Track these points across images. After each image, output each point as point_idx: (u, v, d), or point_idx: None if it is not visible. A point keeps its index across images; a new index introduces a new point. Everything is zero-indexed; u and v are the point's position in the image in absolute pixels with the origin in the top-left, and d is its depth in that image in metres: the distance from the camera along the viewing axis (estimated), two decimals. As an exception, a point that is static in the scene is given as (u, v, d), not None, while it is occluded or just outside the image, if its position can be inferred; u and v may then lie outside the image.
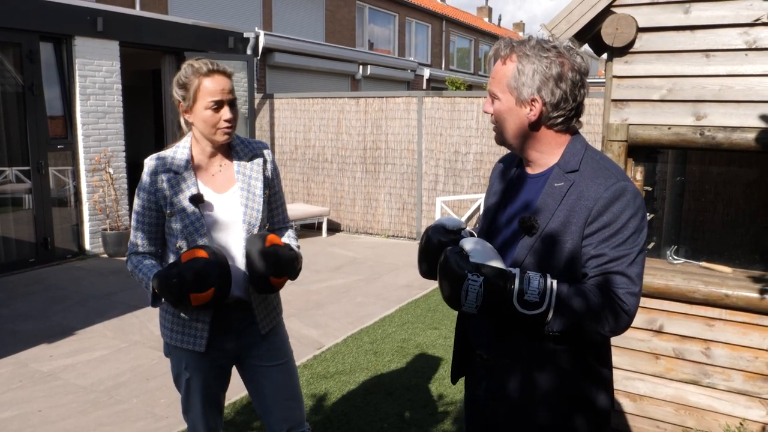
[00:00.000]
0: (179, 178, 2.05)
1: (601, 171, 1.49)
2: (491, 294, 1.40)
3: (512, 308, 1.41)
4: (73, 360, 4.32)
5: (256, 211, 2.12)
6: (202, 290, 1.87)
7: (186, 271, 1.87)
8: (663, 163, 3.65)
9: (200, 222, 2.04)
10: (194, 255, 1.90)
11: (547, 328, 1.43)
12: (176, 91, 2.06)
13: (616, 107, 3.01)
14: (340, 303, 5.68)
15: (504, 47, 1.55)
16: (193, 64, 2.03)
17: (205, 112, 2.00)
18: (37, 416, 3.54)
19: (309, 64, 11.48)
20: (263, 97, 9.53)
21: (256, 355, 2.22)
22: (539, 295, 1.40)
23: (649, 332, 3.04)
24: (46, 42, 6.81)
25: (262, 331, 2.19)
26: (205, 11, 11.66)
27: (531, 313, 1.40)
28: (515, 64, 1.51)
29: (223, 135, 2.04)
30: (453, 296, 1.44)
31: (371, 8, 17.72)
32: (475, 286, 1.40)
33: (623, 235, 1.43)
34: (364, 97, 8.79)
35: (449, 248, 1.50)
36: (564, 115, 1.52)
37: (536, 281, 1.41)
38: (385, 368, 4.15)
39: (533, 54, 1.49)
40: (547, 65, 1.48)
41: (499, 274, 1.41)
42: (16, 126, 6.69)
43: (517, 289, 1.41)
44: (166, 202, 2.05)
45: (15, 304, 5.52)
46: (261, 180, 2.16)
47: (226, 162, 2.14)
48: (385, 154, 8.67)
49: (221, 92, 2.01)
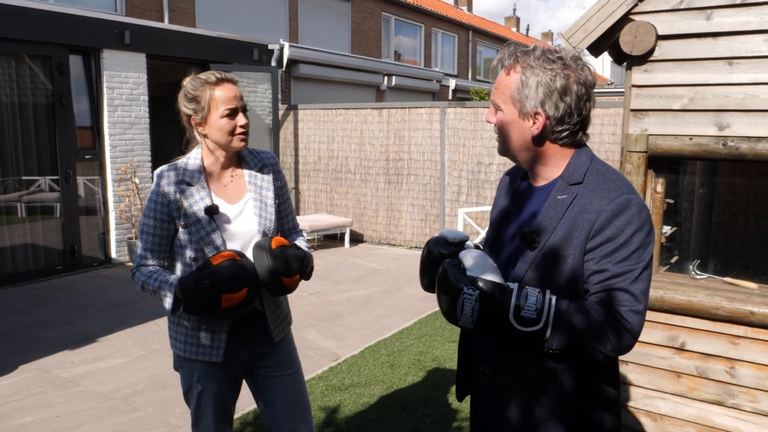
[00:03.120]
0: (192, 189, 2.04)
1: (605, 183, 1.44)
2: (487, 309, 1.36)
3: (509, 324, 1.37)
4: (93, 367, 4.36)
5: (269, 221, 2.14)
6: (235, 290, 1.88)
7: (219, 272, 1.87)
8: (691, 175, 3.55)
9: (216, 233, 2.04)
10: (226, 257, 1.91)
11: (546, 346, 1.38)
12: (185, 106, 2.06)
13: (636, 117, 2.94)
14: (359, 314, 5.64)
15: (508, 56, 1.50)
16: (200, 76, 2.04)
17: (220, 121, 2.02)
18: (55, 422, 3.57)
19: (334, 76, 11.54)
20: (287, 109, 9.60)
21: (267, 365, 2.21)
22: (536, 311, 1.35)
23: (670, 349, 2.95)
24: (76, 54, 6.97)
25: (276, 339, 2.18)
26: (233, 24, 11.82)
27: (528, 330, 1.35)
28: (519, 75, 1.47)
29: (240, 141, 2.07)
30: (449, 310, 1.41)
31: (397, 19, 17.78)
32: (470, 300, 1.36)
33: (627, 250, 1.38)
34: (387, 108, 8.79)
35: (447, 261, 1.47)
36: (568, 130, 1.47)
37: (534, 297, 1.36)
38: (401, 381, 4.10)
39: (537, 65, 1.44)
40: (552, 78, 1.43)
41: (496, 288, 1.37)
42: (45, 136, 6.83)
43: (513, 304, 1.36)
44: (179, 213, 2.04)
45: (40, 311, 5.61)
46: (272, 190, 2.18)
47: (237, 172, 2.15)
48: (407, 164, 8.65)
49: (234, 99, 2.04)
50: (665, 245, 3.17)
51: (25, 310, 5.62)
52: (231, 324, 2.08)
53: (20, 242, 6.72)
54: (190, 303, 1.91)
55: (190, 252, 2.04)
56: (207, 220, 2.03)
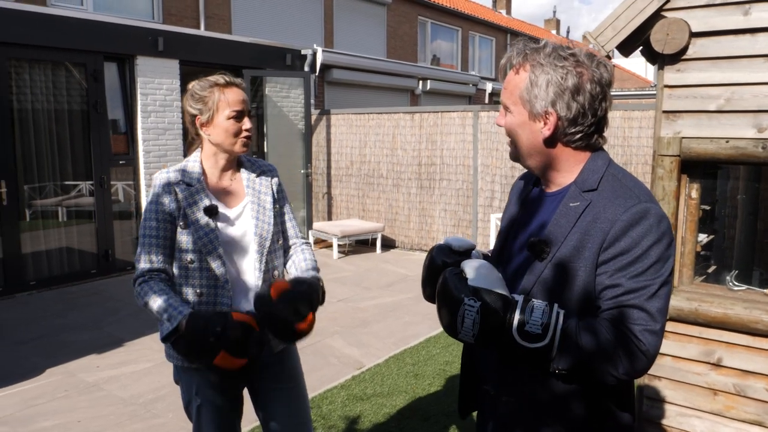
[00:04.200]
0: (192, 191, 2.03)
1: (621, 190, 1.32)
2: (489, 322, 1.25)
3: (512, 339, 1.26)
4: (118, 372, 4.38)
5: (267, 224, 2.10)
6: (236, 356, 1.82)
7: (233, 331, 1.81)
8: (734, 179, 3.36)
9: (214, 234, 2.00)
10: (246, 320, 1.86)
11: (553, 366, 1.26)
12: (191, 106, 2.06)
13: (668, 119, 2.77)
14: (386, 321, 5.55)
15: (517, 55, 1.40)
16: (208, 78, 2.07)
17: (226, 122, 2.02)
18: (77, 427, 3.58)
19: (367, 80, 11.51)
20: (320, 113, 9.59)
21: (266, 376, 2.14)
22: (542, 326, 1.24)
23: (706, 365, 2.77)
24: (110, 61, 7.08)
25: (275, 348, 2.11)
26: (269, 30, 11.91)
27: (532, 346, 1.24)
28: (528, 73, 1.37)
29: (242, 146, 2.07)
30: (450, 322, 1.30)
31: (434, 23, 17.67)
32: (471, 312, 1.26)
33: (643, 264, 1.25)
34: (419, 112, 8.70)
35: (449, 270, 1.36)
36: (582, 131, 1.36)
37: (540, 311, 1.25)
38: (425, 392, 3.99)
39: (548, 63, 1.34)
40: (563, 75, 1.33)
41: (499, 300, 1.26)
42: (80, 142, 6.96)
43: (517, 318, 1.25)
44: (179, 214, 2.02)
45: (72, 314, 5.69)
46: (270, 195, 2.15)
47: (237, 177, 2.14)
48: (440, 169, 8.53)
49: (241, 102, 2.05)
50: (701, 254, 2.99)
51: (58, 314, 5.72)
52: None
53: (57, 246, 6.86)
54: (188, 339, 1.84)
55: (187, 254, 2.01)
56: (206, 221, 2.00)
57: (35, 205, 6.74)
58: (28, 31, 6.25)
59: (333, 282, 6.90)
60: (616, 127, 6.96)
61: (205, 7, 10.88)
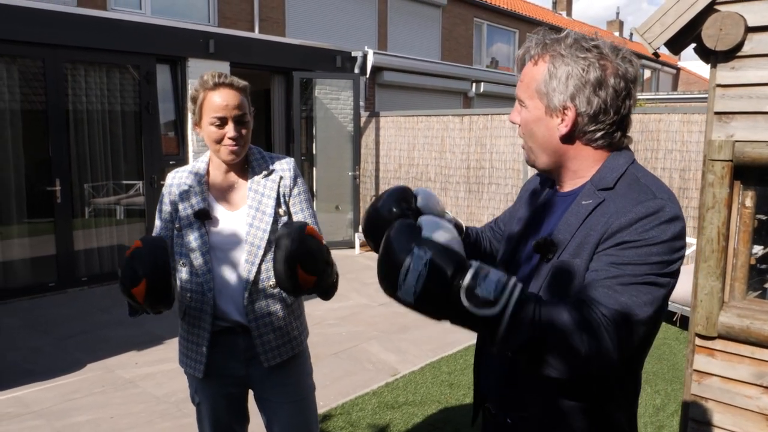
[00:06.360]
0: (191, 192, 1.97)
1: (638, 187, 1.19)
2: (435, 278, 1.04)
3: (458, 303, 1.05)
4: (154, 369, 4.42)
5: (261, 231, 1.95)
6: (135, 284, 1.67)
7: (122, 268, 1.71)
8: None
9: (204, 238, 1.93)
10: (131, 248, 1.74)
11: (502, 339, 1.06)
12: (189, 105, 1.98)
13: (720, 121, 2.56)
14: (425, 328, 5.42)
15: (535, 45, 1.28)
16: (203, 76, 1.93)
17: (209, 128, 1.90)
18: (108, 423, 3.61)
19: (419, 82, 11.39)
20: (369, 116, 9.55)
21: (265, 388, 2.05)
22: (496, 291, 1.04)
23: (758, 388, 2.53)
24: (163, 64, 7.23)
25: (265, 363, 1.97)
26: (323, 33, 11.97)
27: (481, 313, 1.04)
28: (547, 65, 1.25)
29: (228, 154, 1.92)
30: (390, 275, 1.09)
31: (490, 25, 17.41)
32: (418, 264, 1.04)
33: (639, 256, 1.11)
34: (468, 115, 8.53)
35: (404, 220, 1.19)
36: (603, 129, 1.24)
37: (494, 280, 1.05)
38: (458, 402, 3.85)
39: (569, 54, 1.22)
40: (584, 68, 1.21)
41: (451, 257, 1.06)
42: (132, 143, 7.13)
43: (468, 280, 1.04)
44: (176, 215, 1.98)
45: (117, 310, 5.81)
46: (273, 198, 1.99)
47: (242, 178, 2.03)
48: (489, 173, 8.33)
49: (225, 108, 1.87)
50: (756, 267, 2.75)
51: (104, 310, 5.85)
52: (213, 337, 1.96)
53: (108, 244, 7.04)
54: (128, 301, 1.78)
55: (180, 256, 1.97)
56: (197, 225, 1.94)
57: (88, 204, 6.95)
58: (85, 35, 6.44)
59: (376, 286, 6.77)
60: (674, 131, 6.61)
61: (259, 10, 11.02)
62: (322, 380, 4.01)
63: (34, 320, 5.54)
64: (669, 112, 6.69)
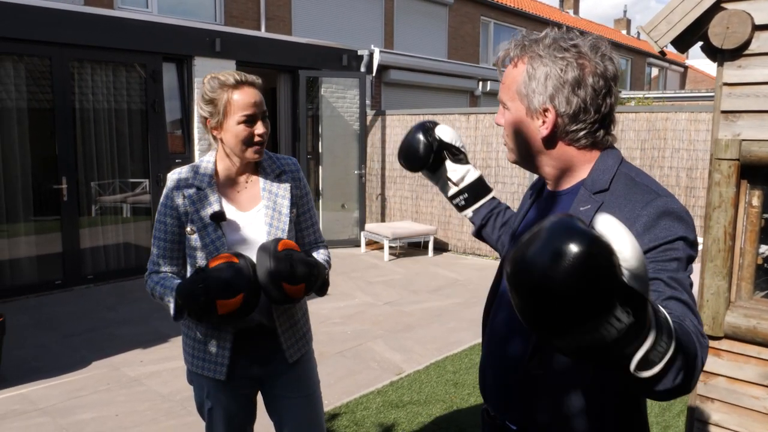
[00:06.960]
0: (201, 194, 1.94)
1: (636, 187, 1.19)
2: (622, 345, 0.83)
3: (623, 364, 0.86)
4: (160, 367, 4.43)
5: (281, 231, 1.98)
6: (229, 296, 1.71)
7: (213, 276, 1.72)
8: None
9: (221, 241, 1.92)
10: (222, 259, 1.77)
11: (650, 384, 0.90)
12: (202, 108, 1.95)
13: (727, 120, 2.54)
14: (430, 327, 5.41)
15: (515, 47, 1.28)
16: (219, 77, 1.91)
17: (237, 128, 1.89)
18: (113, 420, 3.62)
19: (426, 81, 11.37)
20: (375, 114, 9.53)
21: (280, 385, 2.06)
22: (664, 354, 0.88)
23: (764, 389, 2.51)
24: (169, 62, 7.25)
25: (289, 359, 2.02)
26: (329, 31, 11.97)
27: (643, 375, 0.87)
28: (526, 66, 1.25)
29: (254, 153, 1.93)
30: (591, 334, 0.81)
31: (496, 23, 17.36)
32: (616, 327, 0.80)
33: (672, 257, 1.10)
34: (474, 113, 8.50)
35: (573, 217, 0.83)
36: (585, 129, 1.23)
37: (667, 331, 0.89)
38: (463, 402, 3.83)
39: (547, 55, 1.22)
40: (563, 68, 1.20)
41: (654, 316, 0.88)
42: (138, 141, 7.15)
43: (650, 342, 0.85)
44: (187, 219, 1.95)
45: (123, 308, 5.83)
46: (288, 198, 2.02)
47: (253, 179, 2.03)
48: (495, 172, 8.31)
49: (253, 105, 1.89)
50: (764, 267, 2.72)
51: (110, 307, 5.87)
52: (237, 339, 1.95)
53: (114, 242, 7.06)
54: (189, 309, 1.79)
55: (199, 259, 1.95)
56: (213, 227, 1.92)
57: (95, 202, 6.97)
58: (91, 33, 6.46)
59: (381, 284, 6.81)
60: (681, 130, 6.58)
61: (266, 9, 11.03)
62: (326, 379, 4.00)
63: (41, 318, 5.57)
64: (676, 111, 6.65)
